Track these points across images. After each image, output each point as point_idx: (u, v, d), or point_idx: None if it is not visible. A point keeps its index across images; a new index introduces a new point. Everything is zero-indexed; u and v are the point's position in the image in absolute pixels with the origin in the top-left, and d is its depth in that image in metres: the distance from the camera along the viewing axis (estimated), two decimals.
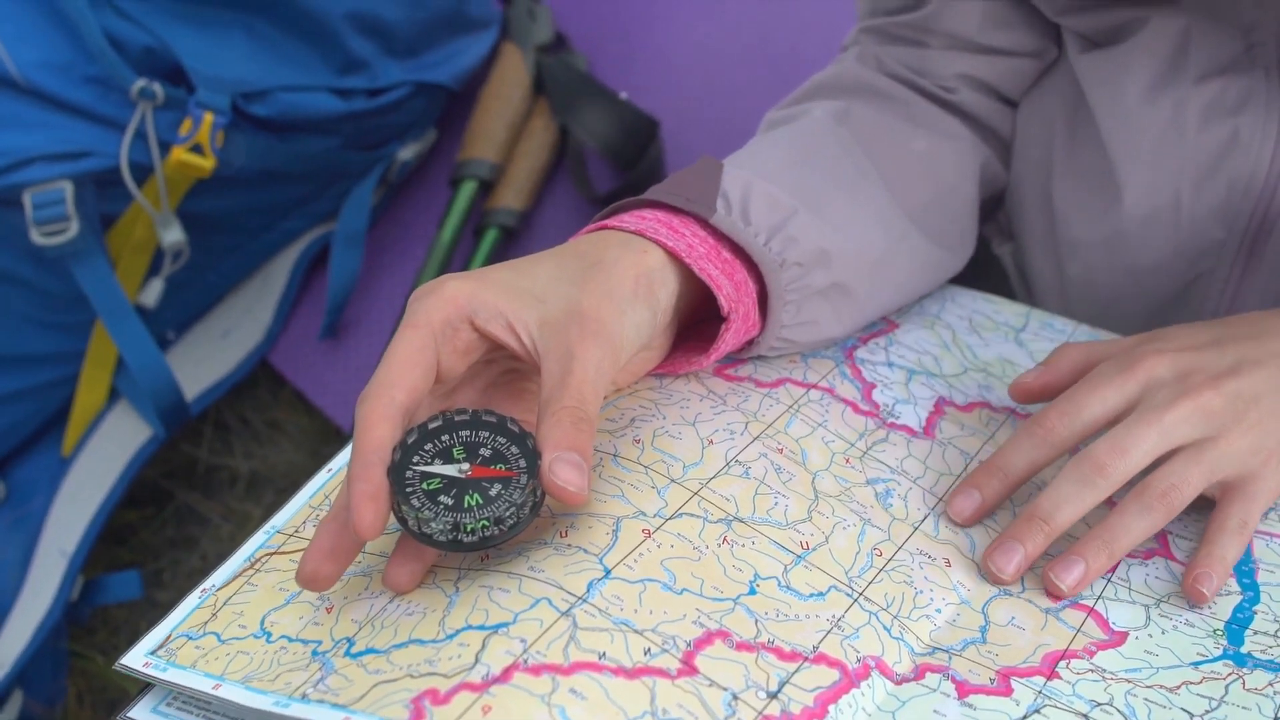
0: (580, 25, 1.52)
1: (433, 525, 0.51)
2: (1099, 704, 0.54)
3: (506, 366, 0.60)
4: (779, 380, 0.67)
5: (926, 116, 0.77)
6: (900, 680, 0.54)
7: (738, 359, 0.67)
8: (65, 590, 1.25)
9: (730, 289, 0.61)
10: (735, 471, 0.60)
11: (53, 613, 1.24)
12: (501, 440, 0.54)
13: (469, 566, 0.54)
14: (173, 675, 0.53)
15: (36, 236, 1.16)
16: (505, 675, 0.48)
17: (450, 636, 0.50)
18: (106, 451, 1.32)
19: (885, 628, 0.56)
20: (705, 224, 0.63)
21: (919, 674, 0.55)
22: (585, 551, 0.54)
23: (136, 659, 0.54)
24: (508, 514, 0.51)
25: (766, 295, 0.64)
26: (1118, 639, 0.58)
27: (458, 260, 1.40)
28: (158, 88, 1.18)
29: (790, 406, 0.65)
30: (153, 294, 1.28)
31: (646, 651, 0.50)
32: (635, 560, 0.54)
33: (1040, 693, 0.54)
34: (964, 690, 0.54)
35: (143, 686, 0.54)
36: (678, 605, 0.53)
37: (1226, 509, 0.60)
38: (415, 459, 0.53)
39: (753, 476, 0.60)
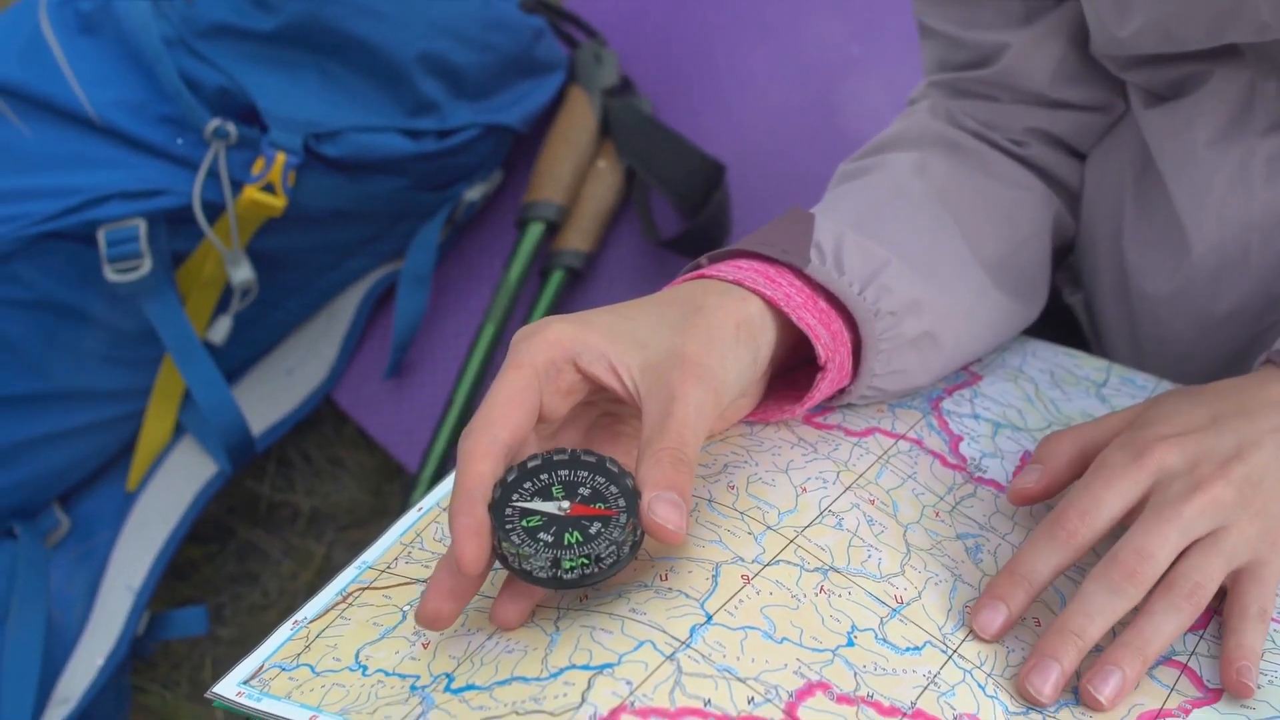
0: (645, 69, 1.53)
1: (532, 562, 0.51)
2: None
3: (605, 409, 0.60)
4: (868, 430, 0.67)
5: (1000, 168, 0.78)
6: None
7: (826, 407, 0.68)
8: (132, 625, 1.26)
9: (827, 338, 0.62)
10: (829, 522, 0.60)
11: (119, 648, 1.24)
12: (601, 480, 0.54)
13: (568, 606, 0.54)
14: (267, 705, 0.53)
15: (110, 274, 1.17)
16: (612, 716, 0.48)
17: (554, 675, 0.50)
18: (172, 487, 1.33)
19: (980, 685, 0.55)
20: (800, 274, 0.63)
21: None
22: (686, 596, 0.54)
23: (229, 688, 0.54)
24: (607, 552, 0.52)
25: (858, 344, 0.65)
26: (1213, 696, 0.57)
27: (524, 301, 1.40)
28: (231, 127, 1.19)
29: (880, 457, 0.65)
30: (221, 331, 1.29)
31: (750, 700, 0.50)
32: (736, 607, 0.54)
33: None
34: None
35: None
36: (778, 654, 0.53)
37: (1244, 598, 0.59)
38: (515, 496, 0.53)
39: (846, 528, 0.60)
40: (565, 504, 0.53)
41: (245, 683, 0.55)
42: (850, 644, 0.54)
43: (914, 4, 0.80)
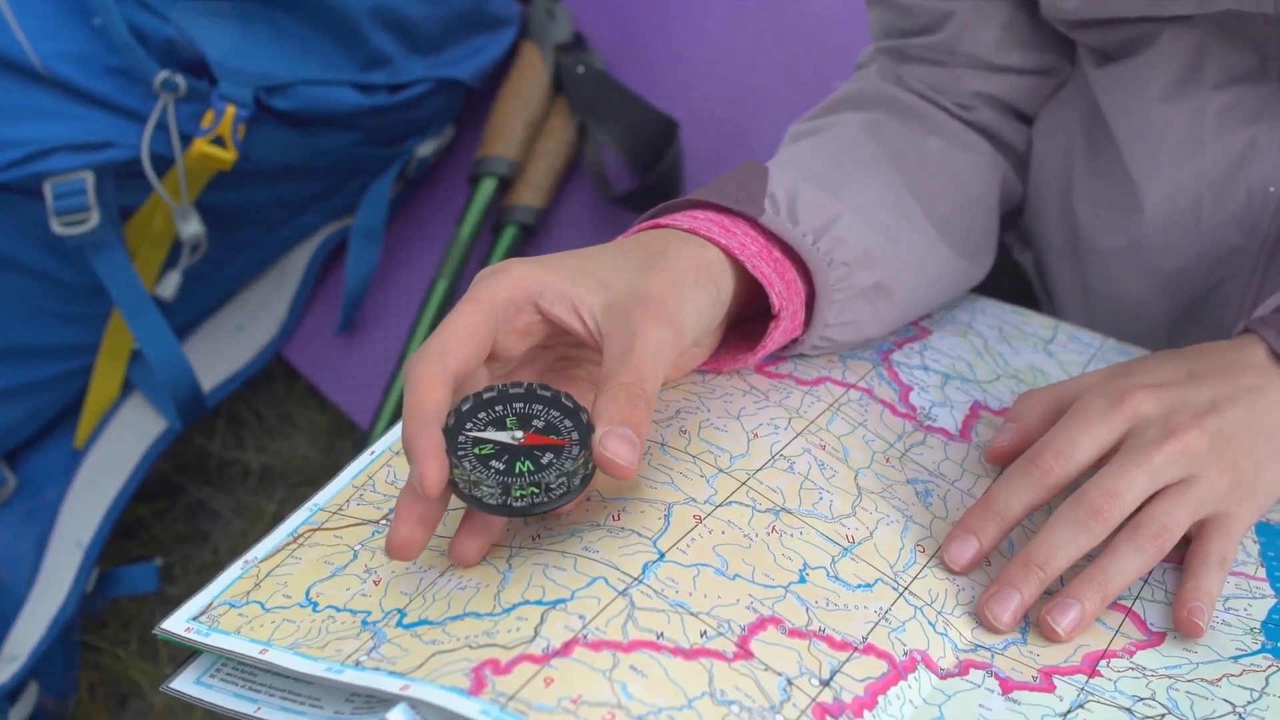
0: (598, 25, 1.52)
1: (482, 488, 0.52)
2: (1141, 699, 0.55)
3: (563, 354, 0.61)
4: (819, 379, 0.67)
5: (948, 130, 0.78)
6: (945, 675, 0.55)
7: (778, 357, 0.68)
8: (81, 582, 1.25)
9: (781, 287, 0.62)
10: (780, 465, 0.60)
11: (68, 605, 1.23)
12: (555, 414, 0.54)
13: (521, 545, 0.55)
14: (216, 640, 0.53)
15: (57, 226, 1.16)
16: (566, 649, 0.48)
17: (507, 610, 0.50)
18: (120, 444, 1.32)
19: (930, 623, 0.56)
20: (754, 224, 0.64)
21: (963, 670, 0.55)
22: (639, 535, 0.54)
23: (178, 624, 0.54)
24: (557, 482, 0.52)
25: (810, 297, 0.65)
26: (1156, 639, 0.58)
27: (476, 257, 1.40)
28: (180, 79, 1.18)
29: (831, 405, 0.66)
30: (170, 286, 1.28)
31: (703, 634, 0.51)
32: (688, 545, 0.55)
33: (1083, 689, 0.55)
34: (1008, 686, 0.55)
35: (186, 656, 0.54)
36: (731, 590, 0.53)
37: (1207, 545, 0.60)
38: (469, 425, 0.53)
39: (797, 471, 0.60)
40: (519, 434, 0.53)
41: (194, 619, 0.54)
42: (802, 580, 0.55)
43: None
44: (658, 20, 1.52)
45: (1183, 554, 0.61)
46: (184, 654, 0.55)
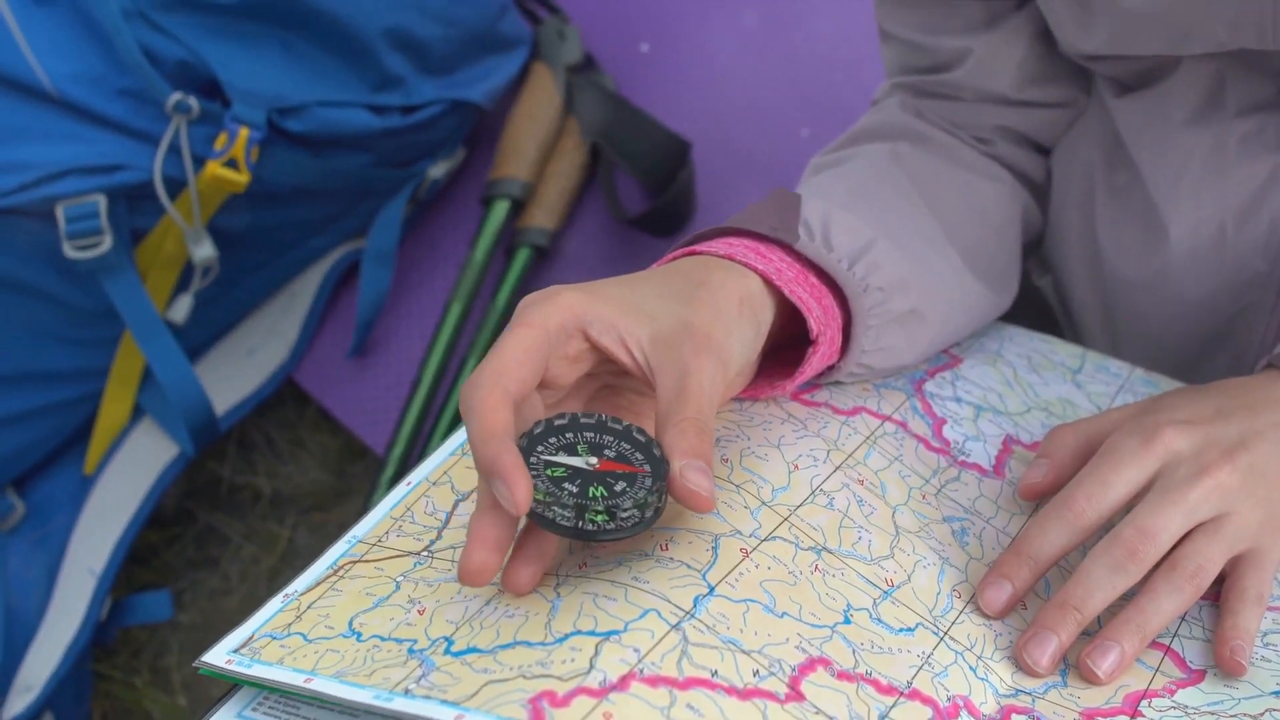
0: (606, 47, 1.52)
1: (556, 509, 0.51)
2: None
3: (605, 382, 0.60)
4: (855, 409, 0.67)
5: (971, 161, 0.79)
6: None
7: (814, 384, 0.68)
8: (95, 610, 1.24)
9: (819, 312, 0.62)
10: (820, 501, 0.60)
11: (83, 633, 1.22)
12: (627, 446, 0.54)
13: (568, 573, 0.54)
14: (259, 671, 0.52)
15: (69, 250, 1.15)
16: (623, 684, 0.48)
17: (559, 640, 0.50)
18: (131, 469, 1.31)
19: (971, 668, 0.56)
20: (790, 251, 0.64)
21: (1005, 715, 0.55)
22: (687, 566, 0.54)
23: (218, 656, 0.54)
24: (630, 511, 0.52)
25: (846, 323, 0.65)
26: (1196, 677, 0.58)
27: (490, 280, 1.39)
28: (193, 101, 1.17)
29: (868, 437, 0.66)
30: (181, 310, 1.27)
31: (755, 673, 0.50)
32: (736, 579, 0.54)
33: None
34: None
35: (227, 690, 0.54)
36: (780, 629, 0.53)
37: (1242, 581, 0.60)
38: (540, 448, 0.53)
39: (837, 508, 0.60)
40: (593, 459, 0.53)
41: (235, 651, 0.54)
42: (847, 621, 0.55)
43: (875, 8, 0.80)
44: (666, 41, 1.52)
45: (1217, 590, 0.61)
46: (199, 683, 0.54)
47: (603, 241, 1.43)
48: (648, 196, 1.43)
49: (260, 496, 1.44)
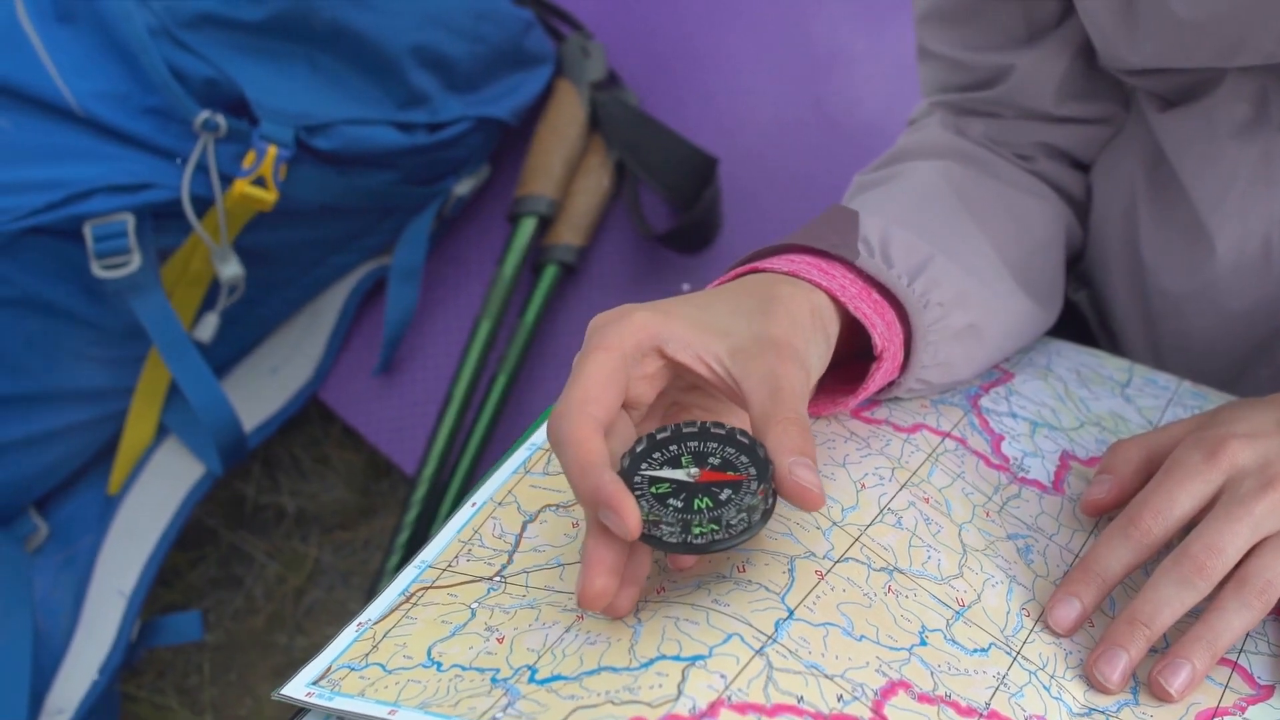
0: (630, 63, 1.52)
1: (662, 527, 0.51)
2: None
3: (673, 399, 0.60)
4: (915, 426, 0.67)
5: (1015, 178, 0.79)
6: None
7: (873, 401, 0.68)
8: (126, 631, 1.23)
9: (883, 327, 0.62)
10: (889, 520, 0.60)
11: (114, 655, 1.21)
12: (730, 450, 0.54)
13: (647, 598, 0.54)
14: (340, 704, 0.52)
15: (97, 269, 1.14)
16: (712, 710, 0.47)
17: (645, 665, 0.50)
18: (157, 489, 1.30)
19: (1044, 687, 0.56)
20: (850, 267, 0.64)
21: None
22: (766, 589, 0.54)
23: (298, 689, 0.53)
24: (737, 518, 0.52)
25: (905, 338, 0.65)
26: (1265, 692, 0.58)
27: (518, 297, 1.39)
28: (221, 119, 1.16)
29: (930, 455, 0.65)
30: (208, 329, 1.27)
31: (839, 698, 0.50)
32: (814, 602, 0.54)
33: None
34: None
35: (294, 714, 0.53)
36: (859, 652, 0.53)
37: None
38: (643, 465, 0.53)
39: (905, 527, 0.60)
40: (695, 470, 0.53)
41: (314, 683, 0.54)
42: (923, 643, 0.55)
43: (916, 27, 0.80)
44: (690, 57, 1.52)
45: None
46: (227, 703, 0.53)
47: (630, 258, 1.43)
48: (673, 213, 1.43)
49: (284, 515, 1.43)
